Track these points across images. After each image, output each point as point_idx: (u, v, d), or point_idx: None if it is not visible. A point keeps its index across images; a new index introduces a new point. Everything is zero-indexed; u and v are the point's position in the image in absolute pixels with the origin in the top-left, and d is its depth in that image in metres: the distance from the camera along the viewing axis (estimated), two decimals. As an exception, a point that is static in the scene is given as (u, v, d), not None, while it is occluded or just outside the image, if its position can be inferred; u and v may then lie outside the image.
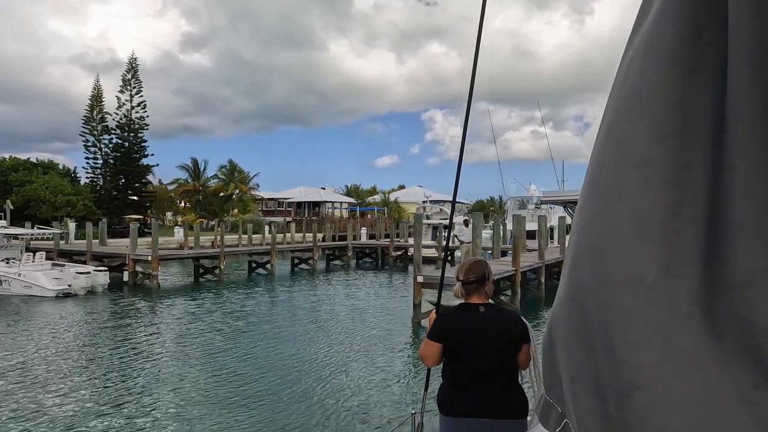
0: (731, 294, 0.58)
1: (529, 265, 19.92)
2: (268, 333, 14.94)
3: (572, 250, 0.72)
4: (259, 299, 21.26)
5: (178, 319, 17.01)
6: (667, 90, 0.62)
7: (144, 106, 48.20)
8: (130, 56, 48.69)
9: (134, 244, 24.01)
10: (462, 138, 2.21)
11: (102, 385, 10.10)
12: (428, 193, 47.14)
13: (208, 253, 26.74)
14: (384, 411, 8.78)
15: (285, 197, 66.71)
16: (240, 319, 16.93)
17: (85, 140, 46.56)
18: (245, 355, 12.38)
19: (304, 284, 26.56)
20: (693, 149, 0.60)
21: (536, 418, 0.89)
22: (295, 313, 18.47)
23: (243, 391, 9.76)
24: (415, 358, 11.41)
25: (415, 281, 15.44)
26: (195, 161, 58.13)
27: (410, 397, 9.28)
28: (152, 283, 22.85)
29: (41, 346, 13.05)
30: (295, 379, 10.47)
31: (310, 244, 32.91)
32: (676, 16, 0.62)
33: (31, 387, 9.86)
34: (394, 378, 10.65)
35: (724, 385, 0.55)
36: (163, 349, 13.01)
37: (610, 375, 0.63)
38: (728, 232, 0.58)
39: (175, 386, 10.05)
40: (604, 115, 0.71)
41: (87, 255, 26.18)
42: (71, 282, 20.50)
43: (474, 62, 1.86)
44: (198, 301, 20.38)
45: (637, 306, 0.61)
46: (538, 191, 36.10)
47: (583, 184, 0.73)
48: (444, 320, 3.09)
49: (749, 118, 0.57)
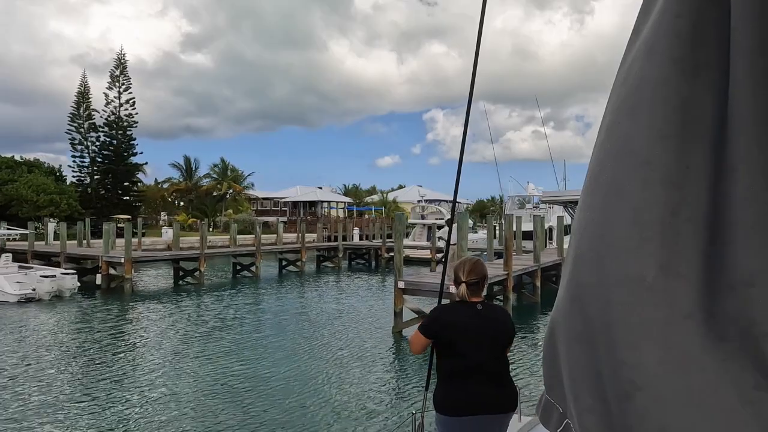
0: (731, 294, 0.58)
1: (524, 268, 18.58)
2: (252, 339, 13.86)
3: (573, 250, 0.72)
4: (241, 304, 19.91)
5: (143, 328, 15.71)
6: (668, 90, 0.62)
7: (133, 103, 46.96)
8: (119, 52, 47.37)
9: (107, 245, 22.72)
10: (462, 138, 2.17)
11: (43, 402, 8.84)
12: (423, 192, 45.83)
13: (188, 254, 25.43)
14: (384, 411, 8.81)
15: (280, 197, 65.46)
16: (216, 327, 15.52)
17: (72, 138, 45.33)
18: (226, 363, 11.21)
19: (290, 287, 25.27)
20: (694, 149, 0.60)
21: (536, 417, 0.87)
22: (280, 317, 17.29)
23: (232, 397, 9.34)
24: (415, 359, 11.60)
25: (395, 287, 14.10)
26: (187, 160, 56.98)
27: (410, 398, 9.35)
28: (125, 287, 21.58)
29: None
30: (293, 381, 10.30)
31: (298, 246, 31.58)
32: (678, 16, 0.62)
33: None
34: (393, 379, 10.59)
35: (725, 385, 0.56)
36: (120, 362, 11.70)
37: (610, 375, 0.63)
38: (728, 231, 0.58)
39: (132, 406, 8.82)
40: (604, 115, 0.71)
41: (61, 256, 24.95)
42: (35, 286, 19.26)
43: (474, 62, 1.86)
44: (171, 307, 19.08)
45: (638, 306, 0.61)
46: (536, 190, 34.83)
47: (583, 184, 0.72)
48: (437, 317, 3.14)
49: (750, 118, 0.57)
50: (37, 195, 37.49)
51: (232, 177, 57.75)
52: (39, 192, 37.67)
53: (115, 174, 46.23)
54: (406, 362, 11.86)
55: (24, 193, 37.42)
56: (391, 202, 64.21)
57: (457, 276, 3.12)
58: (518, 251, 23.20)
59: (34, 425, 8.08)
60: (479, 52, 1.85)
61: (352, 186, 76.24)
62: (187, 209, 54.18)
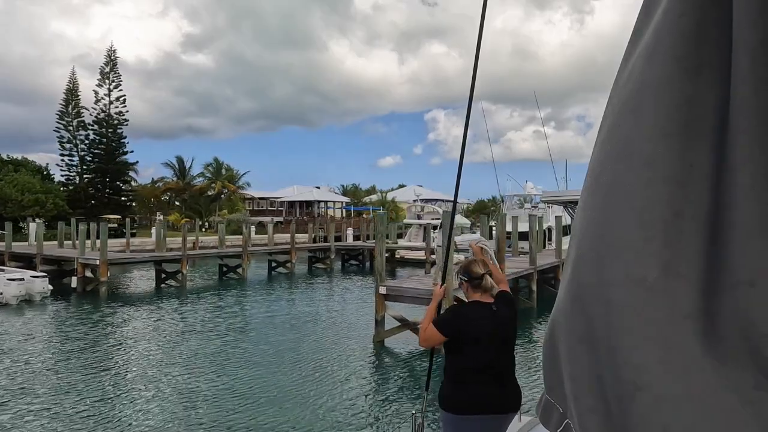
0: (732, 294, 0.58)
1: (519, 271, 17.45)
2: (225, 346, 12.74)
3: (574, 250, 0.71)
4: (221, 308, 18.78)
5: (112, 334, 14.63)
6: (670, 89, 0.62)
7: (124, 101, 45.97)
8: (109, 48, 46.42)
9: (83, 246, 21.68)
10: (463, 138, 2.16)
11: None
12: (419, 192, 44.71)
13: (169, 256, 24.36)
14: (384, 411, 8.73)
15: (277, 197, 64.39)
16: (189, 334, 14.44)
17: (60, 136, 44.33)
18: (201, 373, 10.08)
19: (277, 290, 24.17)
20: (696, 148, 0.60)
21: (536, 417, 0.87)
22: (257, 322, 16.23)
23: (215, 410, 8.74)
24: (414, 359, 11.39)
25: (377, 293, 12.99)
26: (180, 159, 55.93)
27: (410, 398, 9.23)
28: (101, 290, 20.53)
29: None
30: (291, 381, 10.13)
31: (288, 247, 30.49)
32: (680, 16, 0.62)
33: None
34: (392, 379, 10.44)
35: (725, 385, 0.56)
36: (83, 373, 10.62)
37: (611, 375, 0.63)
38: (730, 232, 0.58)
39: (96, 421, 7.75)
40: (605, 114, 0.70)
41: (37, 258, 23.92)
42: (2, 290, 18.21)
43: (475, 62, 1.84)
44: (145, 311, 17.99)
45: (639, 306, 0.61)
46: (534, 189, 33.69)
47: (584, 184, 0.72)
48: (458, 315, 3.25)
49: (752, 117, 0.57)
50: (21, 194, 36.49)
51: (226, 176, 56.66)
52: (24, 191, 36.66)
53: (105, 173, 45.21)
54: (404, 363, 11.06)
55: (8, 193, 36.41)
56: (390, 202, 63.08)
57: (461, 276, 3.25)
58: (514, 253, 22.09)
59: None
60: (479, 53, 1.83)
61: (351, 186, 75.17)
62: (181, 209, 53.16)
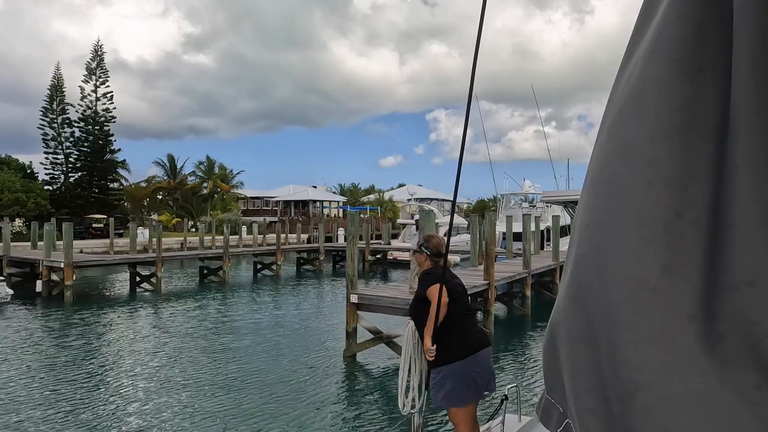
0: (733, 294, 0.58)
1: (511, 275, 16.01)
2: (225, 348, 11.28)
3: (575, 250, 0.71)
4: (197, 314, 17.36)
5: (67, 343, 13.26)
6: (670, 90, 0.62)
7: (111, 98, 44.68)
8: (95, 43, 45.19)
9: (48, 248, 20.34)
10: (462, 138, 2.05)
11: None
12: (413, 191, 43.31)
13: (143, 258, 23.01)
14: (384, 411, 8.61)
15: (271, 196, 63.05)
16: (157, 342, 13.07)
17: (44, 134, 43.03)
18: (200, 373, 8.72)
19: (260, 293, 22.75)
20: (697, 150, 0.60)
21: (536, 418, 0.86)
22: (229, 327, 14.77)
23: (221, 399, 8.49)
24: (389, 378, 10.96)
25: (348, 302, 11.57)
26: (171, 157, 54.58)
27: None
28: (66, 294, 19.17)
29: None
30: (289, 382, 9.95)
31: (273, 248, 29.11)
32: (680, 16, 0.62)
33: None
34: (364, 402, 9.68)
35: (727, 385, 0.56)
36: (33, 384, 9.29)
37: (612, 375, 0.63)
38: (732, 232, 0.58)
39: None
40: (605, 115, 0.70)
41: (3, 260, 22.62)
42: (-45, 295, 16.93)
43: (474, 62, 1.70)
44: (111, 317, 16.59)
45: (640, 307, 0.61)
46: (532, 187, 32.25)
47: (584, 184, 0.72)
48: (447, 279, 3.99)
49: (753, 118, 0.57)
50: (0, 193, 35.21)
51: (219, 175, 55.34)
52: (3, 190, 35.37)
53: (91, 171, 43.90)
54: (364, 391, 9.63)
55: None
56: (388, 201, 61.69)
57: (438, 249, 4.33)
58: (508, 255, 20.67)
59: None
60: (479, 52, 1.66)
61: (350, 185, 73.84)
62: (173, 209, 51.83)
